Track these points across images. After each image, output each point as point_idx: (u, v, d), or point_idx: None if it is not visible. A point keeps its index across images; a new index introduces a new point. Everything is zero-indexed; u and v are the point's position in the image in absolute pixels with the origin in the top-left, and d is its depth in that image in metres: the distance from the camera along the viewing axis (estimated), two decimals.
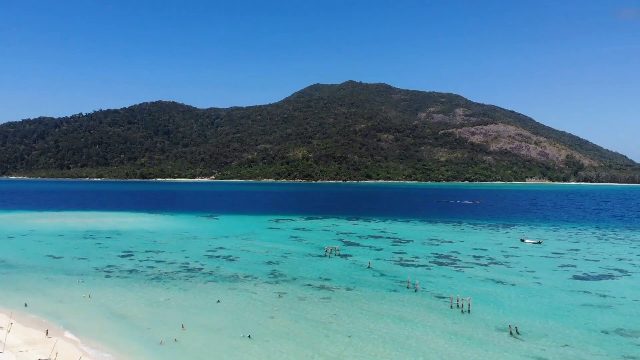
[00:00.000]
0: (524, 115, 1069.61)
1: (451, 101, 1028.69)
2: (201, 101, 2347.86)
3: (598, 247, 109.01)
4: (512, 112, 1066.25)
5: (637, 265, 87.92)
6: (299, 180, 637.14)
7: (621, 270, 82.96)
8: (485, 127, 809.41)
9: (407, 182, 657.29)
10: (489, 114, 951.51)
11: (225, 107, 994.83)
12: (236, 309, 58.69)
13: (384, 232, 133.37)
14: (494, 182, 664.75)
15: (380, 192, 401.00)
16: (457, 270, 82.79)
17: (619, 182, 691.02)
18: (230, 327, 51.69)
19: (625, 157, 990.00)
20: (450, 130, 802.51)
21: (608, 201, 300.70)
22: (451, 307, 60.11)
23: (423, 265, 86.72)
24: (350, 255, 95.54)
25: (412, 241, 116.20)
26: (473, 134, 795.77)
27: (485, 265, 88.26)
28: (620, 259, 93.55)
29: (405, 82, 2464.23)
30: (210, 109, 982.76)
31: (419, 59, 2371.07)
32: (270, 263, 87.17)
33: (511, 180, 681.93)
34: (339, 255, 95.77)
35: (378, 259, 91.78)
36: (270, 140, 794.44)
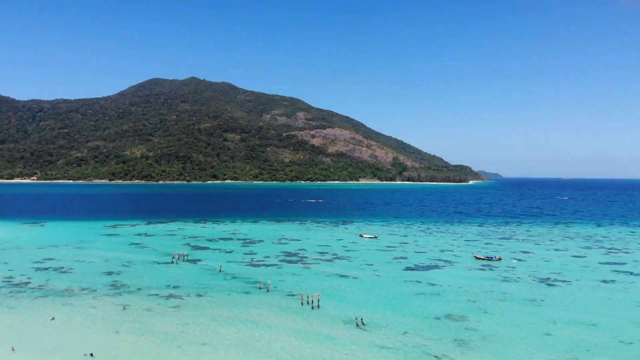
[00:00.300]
0: (356, 120, 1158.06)
1: (293, 105, 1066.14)
2: (21, 91, 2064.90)
3: (424, 240, 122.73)
4: (347, 117, 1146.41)
5: (457, 255, 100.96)
6: (137, 181, 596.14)
7: (445, 261, 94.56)
8: (324, 131, 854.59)
9: (254, 182, 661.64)
10: (327, 118, 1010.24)
11: (50, 99, 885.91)
12: (74, 326, 53.00)
13: (233, 233, 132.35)
14: (332, 182, 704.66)
15: (227, 192, 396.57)
16: (305, 267, 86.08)
17: (436, 182, 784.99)
18: (68, 347, 46.53)
19: (441, 159, 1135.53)
20: (293, 133, 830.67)
21: (428, 198, 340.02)
22: (302, 304, 62.31)
23: (274, 265, 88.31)
24: (199, 260, 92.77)
25: (262, 241, 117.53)
26: (313, 136, 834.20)
27: (330, 260, 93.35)
28: (443, 251, 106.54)
29: (250, 83, 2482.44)
30: (32, 100, 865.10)
31: (263, 61, 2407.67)
32: (109, 273, 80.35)
33: (347, 180, 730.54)
34: (187, 260, 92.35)
35: (229, 261, 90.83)
36: (103, 137, 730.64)
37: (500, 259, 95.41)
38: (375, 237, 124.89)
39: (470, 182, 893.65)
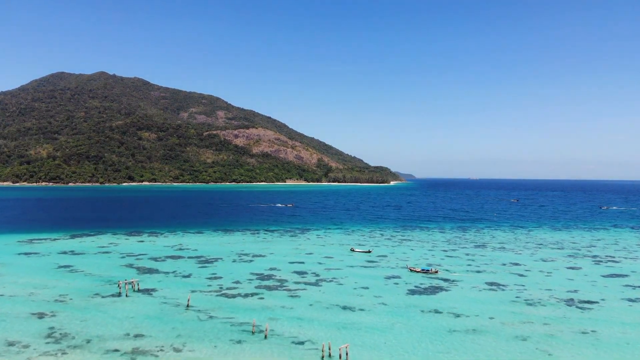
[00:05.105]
0: (279, 121, 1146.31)
1: (212, 103, 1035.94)
2: None
3: (400, 252, 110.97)
4: (269, 117, 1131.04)
5: (450, 271, 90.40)
6: (45, 184, 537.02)
7: (442, 279, 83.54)
8: (247, 131, 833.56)
9: (175, 184, 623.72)
10: (249, 118, 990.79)
11: None
12: None
13: (180, 249, 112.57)
14: (258, 183, 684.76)
15: (150, 196, 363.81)
16: (292, 297, 70.67)
17: (360, 182, 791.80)
18: None
19: (361, 160, 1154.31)
20: (215, 132, 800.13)
21: (366, 201, 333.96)
22: (322, 358, 47.61)
23: (251, 294, 71.87)
24: (154, 290, 73.84)
25: (221, 259, 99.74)
26: (236, 136, 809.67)
27: (316, 284, 78.66)
28: (430, 265, 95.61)
29: (164, 79, 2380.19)
30: None
31: (179, 56, 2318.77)
32: (41, 315, 59.99)
33: (273, 181, 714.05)
34: (138, 290, 73.27)
35: (193, 291, 72.95)
36: (3, 134, 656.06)
37: (436, 272, 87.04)
38: (369, 252, 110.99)
39: (392, 183, 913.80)
